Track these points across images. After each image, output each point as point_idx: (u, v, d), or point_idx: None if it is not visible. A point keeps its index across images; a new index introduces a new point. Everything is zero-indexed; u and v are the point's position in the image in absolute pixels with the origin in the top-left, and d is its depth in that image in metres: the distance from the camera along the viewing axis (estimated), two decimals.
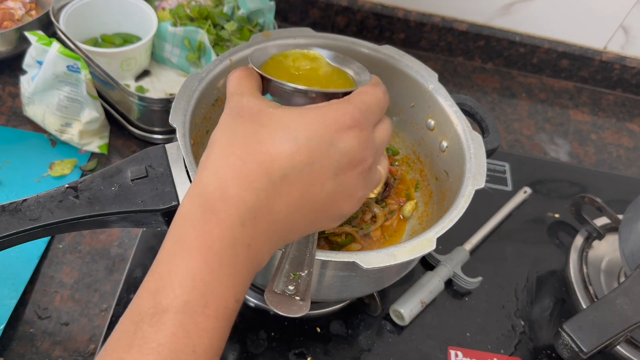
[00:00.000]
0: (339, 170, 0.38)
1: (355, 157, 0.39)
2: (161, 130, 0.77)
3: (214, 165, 0.37)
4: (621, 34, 0.99)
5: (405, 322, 0.65)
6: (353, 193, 0.40)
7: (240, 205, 0.35)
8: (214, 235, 0.34)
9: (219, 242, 0.34)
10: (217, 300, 0.34)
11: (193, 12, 0.83)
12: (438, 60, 1.04)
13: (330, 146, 0.38)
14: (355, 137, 0.38)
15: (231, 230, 0.35)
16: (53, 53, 0.69)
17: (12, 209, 0.47)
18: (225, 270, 0.34)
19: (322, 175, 0.38)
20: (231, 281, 0.34)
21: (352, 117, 0.38)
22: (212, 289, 0.34)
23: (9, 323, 0.59)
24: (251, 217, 0.35)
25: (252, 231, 0.35)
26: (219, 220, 0.35)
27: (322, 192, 0.38)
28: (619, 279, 0.74)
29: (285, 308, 0.39)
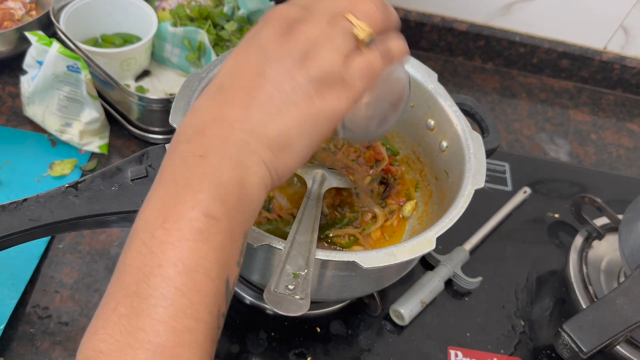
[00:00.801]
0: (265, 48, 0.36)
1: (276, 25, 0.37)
2: (161, 130, 0.77)
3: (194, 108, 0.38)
4: (621, 34, 0.99)
5: (405, 322, 0.65)
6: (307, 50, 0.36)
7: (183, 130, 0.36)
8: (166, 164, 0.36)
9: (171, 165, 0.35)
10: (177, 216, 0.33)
11: (193, 12, 0.83)
12: (438, 60, 1.04)
13: (250, 40, 0.38)
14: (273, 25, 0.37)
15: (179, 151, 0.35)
16: (53, 53, 0.69)
17: (12, 209, 0.47)
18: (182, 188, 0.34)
19: (250, 66, 0.36)
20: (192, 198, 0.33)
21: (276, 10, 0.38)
22: (170, 207, 0.33)
23: (9, 323, 0.59)
24: (196, 132, 0.36)
25: (200, 143, 0.35)
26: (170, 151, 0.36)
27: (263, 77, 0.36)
28: (619, 279, 0.74)
29: (285, 307, 0.39)
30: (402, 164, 0.69)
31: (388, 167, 0.66)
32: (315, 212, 0.50)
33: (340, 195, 0.62)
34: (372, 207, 0.63)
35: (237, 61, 0.37)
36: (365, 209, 0.63)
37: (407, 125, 0.67)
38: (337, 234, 0.60)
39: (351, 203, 0.63)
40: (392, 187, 0.65)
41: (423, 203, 0.66)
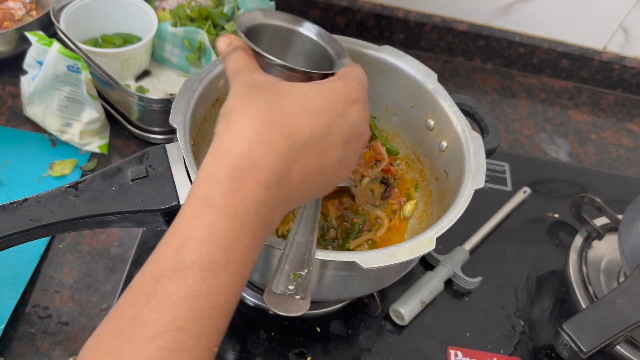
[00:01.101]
0: (347, 141, 0.41)
1: (360, 130, 0.42)
2: (161, 131, 0.77)
3: (238, 128, 0.37)
4: (621, 34, 0.99)
5: (405, 322, 0.65)
6: (351, 164, 0.44)
7: (266, 169, 0.36)
8: (240, 197, 0.35)
9: (245, 204, 0.35)
10: (237, 260, 0.35)
11: (193, 13, 0.83)
12: (438, 61, 1.04)
13: (342, 117, 0.41)
14: (360, 111, 0.42)
15: (256, 194, 0.36)
16: (53, 53, 0.69)
17: (12, 209, 0.47)
18: (248, 232, 0.35)
19: (334, 144, 0.40)
20: (252, 242, 0.36)
21: (357, 92, 0.42)
22: (235, 248, 0.35)
23: (9, 323, 0.59)
24: (275, 182, 0.37)
25: (274, 195, 0.37)
26: (246, 183, 0.36)
27: (331, 160, 0.41)
28: (619, 279, 0.74)
29: (285, 307, 0.39)
30: (402, 164, 0.69)
31: (388, 167, 0.66)
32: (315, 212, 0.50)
33: (342, 204, 0.62)
34: (373, 211, 0.63)
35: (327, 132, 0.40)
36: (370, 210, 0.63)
37: (407, 125, 0.67)
38: (358, 244, 0.60)
39: (354, 208, 0.63)
40: (392, 187, 0.65)
41: (423, 203, 0.66)
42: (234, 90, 0.40)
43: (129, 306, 0.34)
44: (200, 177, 0.37)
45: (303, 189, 0.40)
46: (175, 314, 0.32)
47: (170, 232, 0.36)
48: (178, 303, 0.33)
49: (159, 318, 0.32)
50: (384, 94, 0.66)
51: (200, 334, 0.33)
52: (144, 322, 0.32)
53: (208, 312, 0.33)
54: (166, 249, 0.35)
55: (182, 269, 0.33)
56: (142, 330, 0.32)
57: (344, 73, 0.44)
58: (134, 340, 0.32)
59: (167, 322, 0.32)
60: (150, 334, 0.32)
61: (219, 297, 0.34)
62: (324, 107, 0.40)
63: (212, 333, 0.34)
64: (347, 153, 0.42)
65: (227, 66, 0.43)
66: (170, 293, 0.33)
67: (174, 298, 0.33)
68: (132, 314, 0.33)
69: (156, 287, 0.33)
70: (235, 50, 0.43)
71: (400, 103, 0.66)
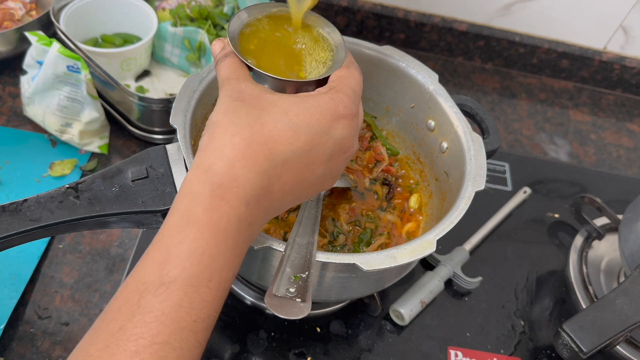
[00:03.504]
0: (331, 156, 0.42)
1: (345, 145, 0.42)
2: (161, 131, 0.77)
3: (219, 145, 0.38)
4: (621, 34, 0.99)
5: (405, 322, 0.65)
6: (336, 175, 0.44)
7: (246, 186, 0.37)
8: (221, 214, 0.36)
9: (226, 220, 0.36)
10: (219, 274, 0.36)
11: (193, 13, 0.83)
12: (438, 61, 1.04)
13: (326, 134, 0.40)
14: (347, 126, 0.41)
15: (237, 210, 0.37)
16: (53, 53, 0.69)
17: (12, 209, 0.47)
18: (230, 246, 0.36)
19: (316, 161, 0.41)
20: (233, 256, 0.37)
21: (345, 106, 0.41)
22: (217, 263, 0.36)
23: (9, 323, 0.59)
24: (254, 198, 0.37)
25: (254, 211, 0.38)
26: (227, 200, 0.37)
27: (313, 176, 0.41)
28: (619, 279, 0.74)
29: (286, 311, 0.39)
30: (402, 164, 0.69)
31: (388, 167, 0.66)
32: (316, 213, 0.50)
33: (352, 209, 0.62)
34: (384, 215, 0.63)
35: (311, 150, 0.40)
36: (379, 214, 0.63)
37: (408, 126, 0.67)
38: (373, 249, 0.60)
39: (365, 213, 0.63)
40: (394, 187, 0.65)
41: (423, 203, 0.66)
42: (219, 101, 0.41)
43: (113, 319, 0.34)
44: (183, 192, 0.38)
45: (284, 202, 0.41)
46: (158, 328, 0.33)
47: (154, 246, 0.36)
48: (161, 318, 0.33)
49: (142, 332, 0.33)
50: (384, 94, 0.66)
51: (182, 346, 0.34)
52: (127, 336, 0.33)
53: (190, 325, 0.34)
54: (149, 263, 0.36)
55: (166, 284, 0.34)
56: (126, 344, 0.33)
57: (337, 82, 0.43)
58: (119, 354, 0.33)
59: (150, 335, 0.33)
60: (135, 347, 0.33)
61: (200, 311, 0.35)
62: (307, 123, 0.39)
63: (195, 345, 0.35)
64: (331, 167, 0.42)
65: (218, 72, 0.43)
66: (153, 308, 0.34)
67: (157, 313, 0.34)
68: (117, 327, 0.34)
69: (139, 301, 0.34)
70: (227, 56, 0.43)
71: (400, 103, 0.66)
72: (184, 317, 0.34)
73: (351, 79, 0.44)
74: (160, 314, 0.33)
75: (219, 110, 0.40)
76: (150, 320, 0.33)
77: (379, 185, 0.65)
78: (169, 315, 0.34)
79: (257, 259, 0.50)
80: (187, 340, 0.34)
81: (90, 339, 0.35)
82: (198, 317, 0.35)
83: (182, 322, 0.34)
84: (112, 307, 0.35)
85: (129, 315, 0.34)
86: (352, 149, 0.43)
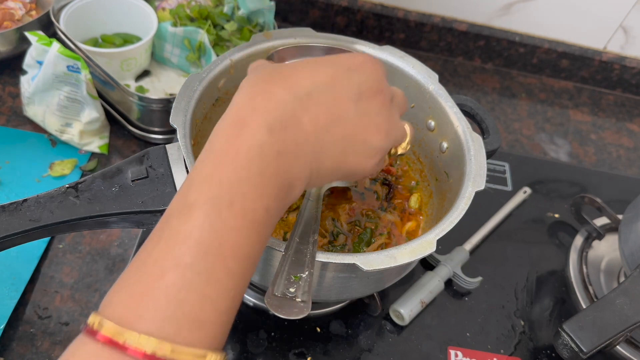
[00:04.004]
0: (359, 95, 0.40)
1: (373, 86, 0.41)
2: (161, 131, 0.77)
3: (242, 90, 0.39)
4: (621, 34, 0.99)
5: (405, 322, 0.65)
6: (379, 123, 0.41)
7: (266, 114, 0.37)
8: (242, 140, 0.36)
9: (246, 146, 0.36)
10: (243, 202, 0.34)
11: (193, 12, 0.83)
12: (438, 61, 1.04)
13: (348, 71, 0.40)
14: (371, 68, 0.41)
15: (256, 135, 0.36)
16: (53, 53, 0.69)
17: (12, 209, 0.47)
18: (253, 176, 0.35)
19: (344, 97, 0.39)
20: (260, 189, 0.35)
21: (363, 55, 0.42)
22: (239, 190, 0.35)
23: (9, 323, 0.59)
24: (279, 125, 0.36)
25: (280, 138, 0.36)
26: (247, 127, 0.36)
27: (346, 114, 0.39)
28: (619, 279, 0.74)
29: (286, 311, 0.39)
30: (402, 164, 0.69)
31: (388, 167, 0.66)
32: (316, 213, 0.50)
33: (352, 209, 0.62)
34: (384, 215, 0.63)
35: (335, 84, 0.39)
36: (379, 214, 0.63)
37: None
38: (373, 249, 0.60)
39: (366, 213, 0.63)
40: (394, 187, 0.65)
41: (423, 203, 0.66)
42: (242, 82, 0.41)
43: (143, 250, 0.35)
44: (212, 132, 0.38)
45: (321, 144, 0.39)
46: (181, 250, 0.33)
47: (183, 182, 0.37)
48: (184, 240, 0.33)
49: (167, 255, 0.33)
50: None
51: (209, 270, 0.33)
52: (154, 260, 0.33)
53: (214, 250, 0.33)
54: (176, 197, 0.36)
55: (187, 207, 0.34)
56: (152, 268, 0.33)
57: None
58: (146, 277, 0.33)
59: (173, 258, 0.33)
60: (160, 271, 0.33)
61: (225, 236, 0.34)
62: (326, 62, 0.40)
63: (224, 273, 0.33)
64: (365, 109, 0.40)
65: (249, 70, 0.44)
66: (176, 231, 0.34)
67: (179, 236, 0.33)
68: (145, 255, 0.34)
69: (164, 227, 0.34)
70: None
71: None
72: (206, 240, 0.33)
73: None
74: (182, 236, 0.33)
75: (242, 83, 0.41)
76: (173, 243, 0.33)
77: (379, 185, 0.65)
78: (191, 238, 0.33)
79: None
80: (213, 266, 0.33)
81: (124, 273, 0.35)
82: (223, 242, 0.33)
83: (204, 245, 0.33)
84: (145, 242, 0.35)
85: (156, 241, 0.34)
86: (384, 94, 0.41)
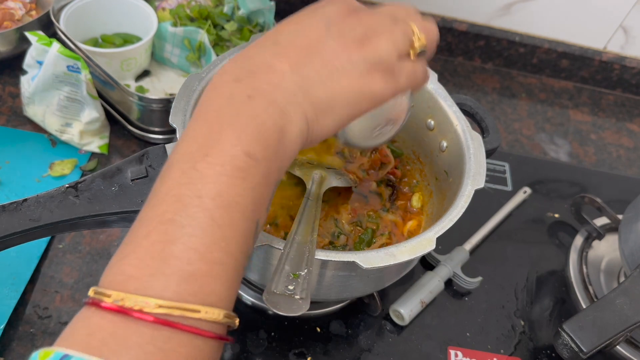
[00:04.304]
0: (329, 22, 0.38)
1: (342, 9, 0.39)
2: (161, 130, 0.77)
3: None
4: (621, 34, 0.99)
5: (405, 322, 0.65)
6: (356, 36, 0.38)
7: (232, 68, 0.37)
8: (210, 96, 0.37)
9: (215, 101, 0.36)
10: (220, 151, 0.34)
11: (193, 12, 0.83)
12: (438, 60, 1.04)
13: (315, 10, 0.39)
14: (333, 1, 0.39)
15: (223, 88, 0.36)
16: (53, 53, 0.69)
17: (12, 209, 0.47)
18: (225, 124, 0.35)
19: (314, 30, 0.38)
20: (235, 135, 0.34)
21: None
22: (213, 141, 0.34)
23: (9, 323, 0.59)
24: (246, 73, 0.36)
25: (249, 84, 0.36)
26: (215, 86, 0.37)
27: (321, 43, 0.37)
28: (619, 279, 0.74)
29: (284, 308, 0.39)
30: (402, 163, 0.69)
31: (393, 170, 0.66)
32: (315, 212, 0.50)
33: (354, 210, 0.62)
34: (386, 215, 0.63)
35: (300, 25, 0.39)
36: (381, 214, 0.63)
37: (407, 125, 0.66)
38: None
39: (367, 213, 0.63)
40: (398, 189, 0.65)
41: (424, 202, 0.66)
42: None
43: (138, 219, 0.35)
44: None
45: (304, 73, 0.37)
46: (162, 207, 0.33)
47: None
48: (164, 197, 0.34)
49: (151, 215, 0.33)
50: None
51: (192, 224, 0.32)
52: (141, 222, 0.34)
53: (195, 201, 0.33)
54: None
55: (166, 169, 0.35)
56: (139, 229, 0.33)
57: None
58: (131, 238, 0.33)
59: (156, 215, 0.33)
60: (145, 230, 0.33)
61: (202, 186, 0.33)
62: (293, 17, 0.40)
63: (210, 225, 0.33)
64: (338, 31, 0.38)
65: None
66: (157, 191, 0.34)
67: (160, 194, 0.34)
68: (138, 219, 0.34)
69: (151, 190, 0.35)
70: None
71: None
72: (185, 192, 0.33)
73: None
74: (162, 194, 0.34)
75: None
76: (155, 202, 0.34)
77: (383, 187, 0.65)
78: (169, 194, 0.33)
79: (257, 258, 0.50)
80: (196, 218, 0.32)
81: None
82: (203, 193, 0.33)
83: (185, 198, 0.33)
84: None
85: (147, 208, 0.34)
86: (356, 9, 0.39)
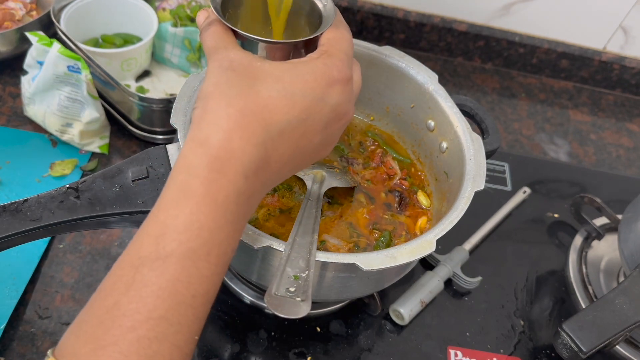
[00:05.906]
0: (327, 124, 0.40)
1: (341, 111, 0.41)
2: (162, 131, 0.77)
3: (214, 117, 0.37)
4: (621, 34, 0.99)
5: (405, 322, 0.65)
6: (333, 142, 0.43)
7: (244, 159, 0.36)
8: (219, 187, 0.35)
9: (224, 194, 0.35)
10: (218, 249, 0.35)
11: (193, 13, 0.83)
12: (438, 61, 1.04)
13: (322, 102, 0.39)
14: (342, 92, 0.40)
15: (235, 183, 0.36)
16: (54, 53, 0.69)
17: (13, 209, 0.47)
18: (229, 220, 0.36)
19: (313, 129, 0.40)
20: (232, 231, 0.36)
21: (339, 71, 0.40)
22: (216, 237, 0.35)
23: (10, 323, 0.59)
24: (252, 171, 0.37)
25: (252, 184, 0.37)
26: (224, 173, 0.35)
27: (311, 145, 0.40)
28: (619, 279, 0.74)
29: (286, 310, 0.39)
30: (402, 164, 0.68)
31: (401, 181, 0.65)
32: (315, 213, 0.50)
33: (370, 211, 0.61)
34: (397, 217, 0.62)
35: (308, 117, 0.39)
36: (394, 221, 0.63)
37: (407, 126, 0.67)
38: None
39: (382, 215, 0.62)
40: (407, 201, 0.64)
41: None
42: (209, 72, 0.39)
43: (107, 295, 0.33)
44: (179, 166, 0.36)
45: (281, 174, 0.40)
46: (155, 303, 0.32)
47: (149, 221, 0.35)
48: (158, 292, 0.33)
49: (138, 307, 0.32)
50: (384, 94, 0.67)
51: (181, 322, 0.33)
52: (123, 311, 0.32)
53: (189, 300, 0.33)
54: (145, 238, 0.35)
55: (162, 258, 0.33)
56: (121, 319, 0.32)
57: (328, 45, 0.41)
58: (114, 329, 0.32)
59: (147, 311, 0.32)
60: (130, 323, 0.32)
61: (199, 286, 0.34)
62: (302, 91, 0.38)
63: (193, 321, 0.34)
64: (327, 135, 0.41)
65: (204, 42, 0.41)
66: (150, 282, 0.33)
67: (154, 287, 0.33)
68: (111, 303, 0.33)
69: (135, 276, 0.33)
70: (211, 24, 0.42)
71: (400, 104, 0.66)
72: (181, 291, 0.33)
73: (342, 40, 0.42)
74: (157, 288, 0.32)
75: (209, 81, 0.38)
76: (146, 294, 0.32)
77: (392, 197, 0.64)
78: (166, 290, 0.33)
79: (257, 259, 0.50)
80: (185, 316, 0.33)
81: (84, 316, 0.34)
82: (197, 292, 0.34)
83: (180, 296, 0.33)
84: (106, 283, 0.34)
85: (124, 290, 0.33)
86: (348, 115, 0.42)
